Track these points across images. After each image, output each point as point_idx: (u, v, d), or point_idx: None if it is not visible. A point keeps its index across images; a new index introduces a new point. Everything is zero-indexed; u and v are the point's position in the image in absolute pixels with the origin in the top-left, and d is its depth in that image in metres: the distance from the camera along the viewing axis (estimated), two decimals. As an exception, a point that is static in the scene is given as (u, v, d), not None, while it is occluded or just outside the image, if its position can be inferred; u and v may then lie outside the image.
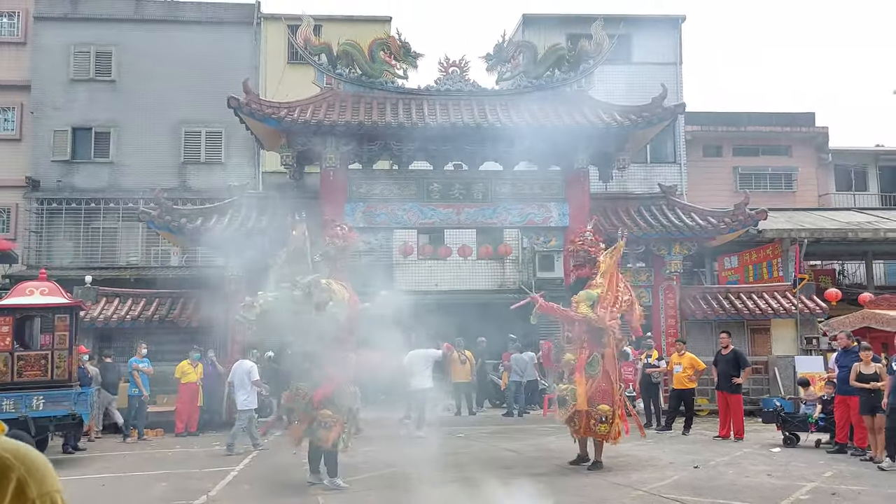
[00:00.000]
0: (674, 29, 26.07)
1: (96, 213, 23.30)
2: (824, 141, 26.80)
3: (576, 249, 10.73)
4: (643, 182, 24.15)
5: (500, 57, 17.62)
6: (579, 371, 10.37)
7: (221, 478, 9.97)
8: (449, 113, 16.92)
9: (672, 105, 17.48)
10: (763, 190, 25.74)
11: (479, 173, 17.83)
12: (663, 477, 9.52)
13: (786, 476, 9.46)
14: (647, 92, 19.65)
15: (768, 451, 11.80)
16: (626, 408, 10.63)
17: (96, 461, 11.91)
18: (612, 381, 10.19)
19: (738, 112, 27.31)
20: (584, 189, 17.59)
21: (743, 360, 13.72)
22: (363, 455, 11.72)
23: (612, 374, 10.21)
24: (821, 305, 17.56)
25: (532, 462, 10.91)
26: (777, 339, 17.51)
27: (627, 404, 10.85)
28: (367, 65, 17.36)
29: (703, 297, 17.87)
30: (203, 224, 16.45)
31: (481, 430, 14.78)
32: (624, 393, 10.78)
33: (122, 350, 15.85)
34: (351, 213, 16.98)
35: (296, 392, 9.28)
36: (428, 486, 9.03)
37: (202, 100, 23.31)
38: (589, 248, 10.62)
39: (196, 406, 14.97)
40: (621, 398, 10.38)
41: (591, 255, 10.59)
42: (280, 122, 16.20)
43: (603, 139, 17.10)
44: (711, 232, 17.06)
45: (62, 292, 12.07)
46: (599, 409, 9.98)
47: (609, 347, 10.21)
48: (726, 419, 13.43)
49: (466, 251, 18.42)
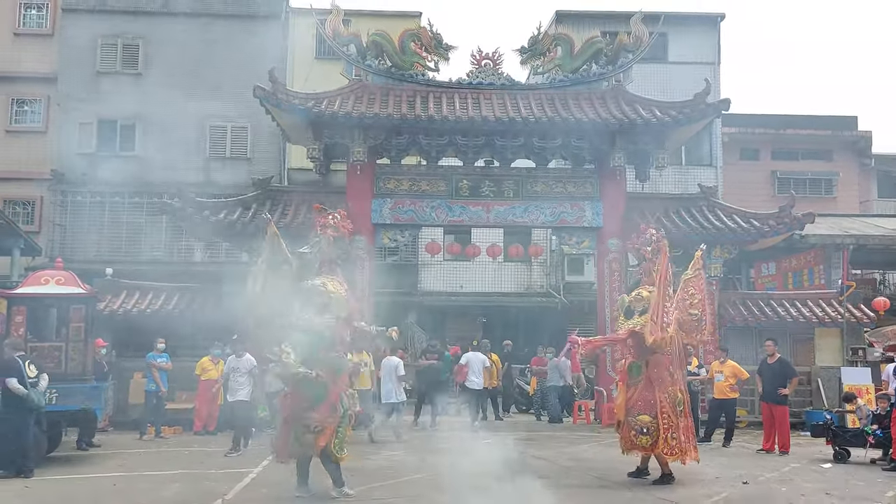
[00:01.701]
0: (712, 28, 25.29)
1: (120, 206, 23.04)
2: (867, 146, 25.92)
3: (635, 248, 10.00)
4: (678, 184, 23.39)
5: (536, 50, 17.00)
6: (621, 379, 9.72)
7: (238, 480, 9.45)
8: (480, 107, 16.34)
9: (716, 101, 16.74)
10: (802, 195, 24.70)
11: (510, 170, 17.22)
12: (711, 493, 8.84)
13: (847, 496, 8.74)
14: (683, 92, 18.90)
15: (819, 467, 11.04)
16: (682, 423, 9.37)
17: (110, 459, 11.45)
18: (656, 390, 9.28)
19: (778, 115, 26.53)
20: (621, 188, 16.91)
21: (790, 369, 12.95)
22: (387, 460, 11.17)
23: (659, 383, 9.31)
24: (868, 315, 16.72)
25: (566, 472, 10.25)
26: (821, 349, 16.67)
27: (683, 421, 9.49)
28: (397, 56, 16.84)
29: (743, 302, 17.09)
30: (227, 218, 16.00)
31: (507, 437, 14.10)
32: (682, 407, 9.43)
33: (142, 345, 15.40)
34: (378, 209, 16.48)
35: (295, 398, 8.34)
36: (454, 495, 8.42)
37: (228, 94, 22.98)
38: (643, 248, 9.83)
39: (216, 404, 14.49)
40: (674, 409, 9.28)
41: (644, 255, 9.84)
42: (307, 114, 15.71)
43: (641, 136, 16.39)
44: (755, 235, 16.28)
45: (78, 282, 11.62)
46: (639, 420, 9.24)
47: (657, 354, 9.32)
48: (771, 432, 12.67)
49: (496, 251, 17.82)
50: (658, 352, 9.29)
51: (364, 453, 11.66)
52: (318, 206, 9.32)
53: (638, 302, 9.48)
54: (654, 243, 9.73)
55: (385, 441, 12.97)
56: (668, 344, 9.26)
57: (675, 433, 9.16)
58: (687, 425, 9.47)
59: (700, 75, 20.70)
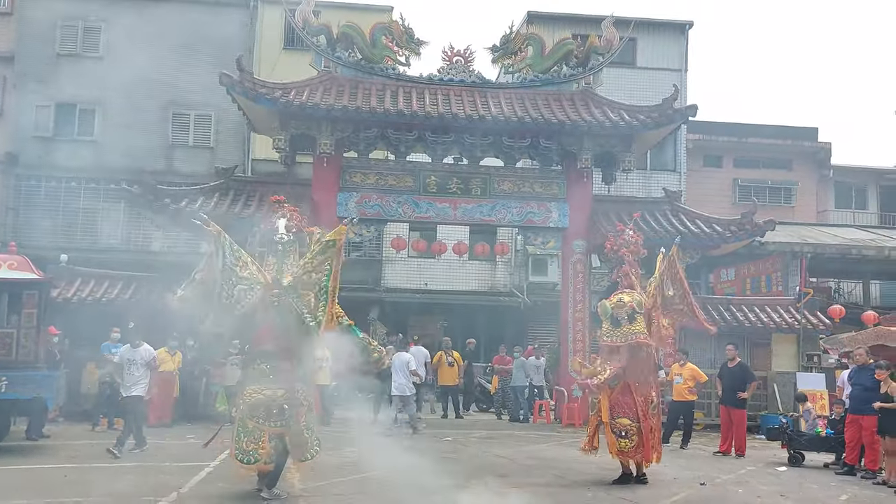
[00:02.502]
0: (680, 35, 25.61)
1: (77, 192, 22.50)
2: (826, 157, 26.44)
3: (611, 249, 9.83)
4: (643, 189, 23.63)
5: (507, 49, 16.97)
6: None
7: (194, 473, 9.24)
8: (450, 103, 16.27)
9: (683, 107, 16.91)
10: (762, 202, 25.14)
11: (478, 168, 17.19)
12: (670, 494, 8.89)
13: (802, 499, 8.87)
14: (651, 98, 19.12)
15: (774, 470, 11.20)
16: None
17: (61, 450, 11.12)
18: (634, 394, 9.23)
19: (741, 123, 26.92)
20: (587, 190, 17.00)
21: (750, 374, 13.13)
22: (346, 457, 11.03)
23: (636, 386, 9.26)
24: (824, 322, 17.03)
25: (528, 471, 10.23)
26: (777, 355, 16.93)
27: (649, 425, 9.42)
28: (367, 49, 16.68)
29: (702, 307, 17.10)
30: (188, 207, 15.66)
31: (470, 435, 14.09)
32: (654, 410, 9.43)
33: (96, 334, 14.98)
34: (343, 203, 16.31)
35: (252, 399, 7.78)
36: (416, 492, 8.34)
37: (193, 82, 22.59)
38: (622, 250, 9.70)
39: (172, 397, 14.20)
40: (646, 413, 9.25)
41: (622, 257, 9.70)
42: (274, 103, 15.48)
43: (609, 138, 16.51)
44: (717, 240, 16.47)
45: (32, 268, 11.26)
46: (619, 423, 9.21)
47: (635, 358, 9.27)
48: (728, 434, 12.82)
49: (462, 248, 17.76)
50: (636, 357, 9.26)
51: (325, 449, 11.49)
52: (275, 197, 8.80)
53: (620, 308, 9.34)
54: (632, 245, 9.71)
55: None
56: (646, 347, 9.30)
57: (653, 434, 9.27)
58: (657, 426, 9.57)
59: (668, 81, 20.96)
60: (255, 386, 7.83)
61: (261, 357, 7.93)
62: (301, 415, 7.84)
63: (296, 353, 7.90)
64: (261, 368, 7.88)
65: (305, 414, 7.89)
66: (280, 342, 7.81)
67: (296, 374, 7.92)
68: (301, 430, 7.84)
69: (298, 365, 7.95)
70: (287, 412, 7.76)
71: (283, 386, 7.81)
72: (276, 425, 7.77)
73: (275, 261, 8.01)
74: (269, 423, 7.74)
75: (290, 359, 7.87)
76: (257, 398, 7.76)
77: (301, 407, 7.85)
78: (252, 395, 7.79)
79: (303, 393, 7.93)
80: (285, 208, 8.35)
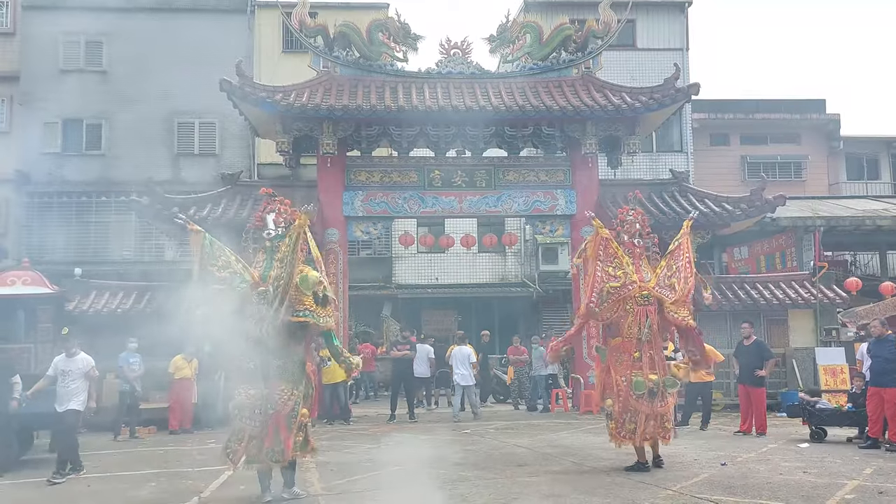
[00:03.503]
0: (680, 14, 25.48)
1: (88, 206, 22.71)
2: (835, 128, 26.18)
3: (616, 234, 9.43)
4: (650, 171, 23.55)
5: (504, 38, 16.93)
6: (597, 365, 9.71)
7: (215, 477, 9.29)
8: (451, 96, 16.25)
9: (685, 86, 16.80)
10: (772, 179, 25.00)
11: (482, 160, 17.16)
12: (690, 475, 8.84)
13: (824, 473, 8.78)
14: (652, 79, 19.04)
15: (796, 447, 11.11)
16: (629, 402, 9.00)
17: (84, 460, 11.03)
18: (614, 374, 9.09)
19: (746, 99, 26.76)
20: (593, 175, 16.93)
21: (766, 351, 13.01)
22: (367, 453, 11.08)
23: (616, 366, 9.12)
24: (841, 295, 16.89)
25: (548, 459, 10.22)
26: (795, 331, 16.83)
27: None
28: (365, 47, 16.68)
29: (717, 286, 17.17)
30: (196, 214, 15.74)
31: (488, 426, 14.10)
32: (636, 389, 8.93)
33: (114, 345, 15.10)
34: (349, 202, 16.35)
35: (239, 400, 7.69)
36: (437, 485, 8.37)
37: (195, 90, 22.66)
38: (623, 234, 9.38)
39: (191, 402, 14.30)
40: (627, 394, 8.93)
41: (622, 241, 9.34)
42: (275, 107, 15.52)
43: (612, 122, 16.42)
44: (727, 218, 16.35)
45: (46, 283, 11.37)
46: (605, 404, 9.21)
47: (616, 338, 9.20)
48: (748, 413, 12.73)
49: (470, 241, 17.75)
50: (619, 336, 9.14)
51: (344, 447, 11.56)
52: (265, 190, 8.57)
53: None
54: (627, 224, 9.49)
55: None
56: (632, 325, 9.03)
57: (633, 417, 8.90)
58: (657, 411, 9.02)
59: (669, 61, 20.77)
60: (244, 385, 7.70)
61: (247, 355, 7.68)
62: (281, 416, 7.62)
63: (283, 351, 7.72)
64: (248, 367, 7.71)
65: (287, 415, 7.66)
66: (265, 340, 7.57)
67: (283, 374, 7.71)
68: (277, 431, 7.65)
69: (288, 363, 7.76)
70: (265, 413, 7.61)
71: (268, 385, 7.64)
72: (256, 425, 7.64)
73: (265, 257, 7.86)
74: (252, 422, 7.64)
75: (278, 357, 7.71)
76: (243, 399, 7.68)
77: (284, 407, 7.63)
78: (240, 396, 7.71)
79: (287, 393, 7.66)
80: (275, 202, 8.14)
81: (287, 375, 7.73)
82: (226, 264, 7.70)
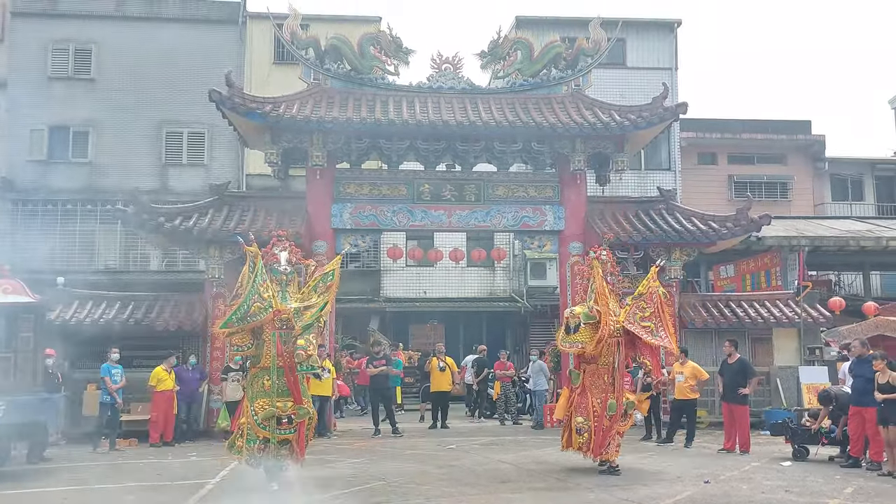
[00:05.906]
0: (669, 33, 25.71)
1: (73, 214, 22.55)
2: (820, 149, 26.42)
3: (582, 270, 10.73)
4: (638, 188, 23.65)
5: (496, 54, 17.01)
6: (566, 384, 10.74)
7: (195, 491, 9.19)
8: (441, 111, 16.29)
9: (674, 105, 16.92)
10: (758, 198, 25.13)
11: (471, 174, 17.18)
12: (673, 493, 8.84)
13: (805, 492, 8.80)
14: (641, 97, 19.14)
15: (779, 466, 11.14)
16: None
17: (62, 472, 11.05)
18: (591, 396, 10.16)
19: (734, 119, 26.91)
20: (581, 192, 16.99)
21: (750, 369, 13.04)
22: (351, 467, 11.00)
23: (592, 389, 10.20)
24: (824, 315, 16.97)
25: (532, 475, 10.19)
26: (779, 349, 16.86)
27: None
28: (356, 60, 16.70)
29: (702, 304, 17.22)
30: (182, 224, 15.67)
31: (472, 442, 14.04)
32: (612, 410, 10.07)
33: (96, 355, 14.95)
34: (338, 214, 16.30)
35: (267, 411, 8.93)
36: (420, 501, 8.32)
37: (184, 100, 22.70)
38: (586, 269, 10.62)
39: (172, 415, 14.16)
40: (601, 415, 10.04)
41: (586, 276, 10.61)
42: (265, 118, 15.49)
43: (601, 139, 16.50)
44: (713, 237, 16.43)
45: (27, 291, 11.25)
46: (576, 421, 10.20)
47: (593, 364, 10.24)
48: (731, 431, 12.75)
49: (458, 255, 17.76)
50: (594, 363, 10.21)
51: (327, 462, 11.48)
52: (281, 231, 10.41)
53: (573, 318, 10.19)
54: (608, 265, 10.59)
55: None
56: (608, 354, 10.12)
57: (607, 435, 9.96)
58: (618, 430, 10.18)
59: (658, 80, 20.97)
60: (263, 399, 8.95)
61: (265, 373, 8.99)
62: (300, 425, 9.01)
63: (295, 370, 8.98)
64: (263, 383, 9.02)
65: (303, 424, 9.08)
66: (282, 360, 8.88)
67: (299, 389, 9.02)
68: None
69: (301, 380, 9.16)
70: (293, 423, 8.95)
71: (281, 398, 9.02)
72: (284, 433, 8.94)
73: (278, 288, 9.10)
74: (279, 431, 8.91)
75: (291, 375, 8.93)
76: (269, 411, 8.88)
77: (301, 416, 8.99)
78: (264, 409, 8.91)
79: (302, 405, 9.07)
80: (285, 243, 9.50)
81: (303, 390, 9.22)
82: (266, 287, 8.92)
